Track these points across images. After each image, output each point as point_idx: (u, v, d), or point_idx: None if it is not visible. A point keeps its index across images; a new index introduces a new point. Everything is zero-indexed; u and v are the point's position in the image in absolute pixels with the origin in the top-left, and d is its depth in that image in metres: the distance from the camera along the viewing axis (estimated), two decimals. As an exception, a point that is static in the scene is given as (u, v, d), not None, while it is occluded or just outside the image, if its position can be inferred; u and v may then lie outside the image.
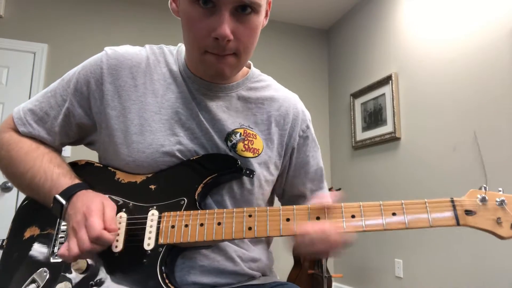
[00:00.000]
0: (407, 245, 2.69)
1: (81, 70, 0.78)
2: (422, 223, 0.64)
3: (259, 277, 0.79)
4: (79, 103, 0.77)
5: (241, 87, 0.82)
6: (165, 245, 0.66)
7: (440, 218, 0.65)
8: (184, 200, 0.70)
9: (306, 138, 0.86)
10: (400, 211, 0.64)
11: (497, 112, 2.11)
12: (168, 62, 0.80)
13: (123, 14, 3.33)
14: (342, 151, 3.56)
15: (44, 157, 0.75)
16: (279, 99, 0.85)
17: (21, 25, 3.04)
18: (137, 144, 0.73)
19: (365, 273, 3.11)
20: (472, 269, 2.18)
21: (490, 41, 2.19)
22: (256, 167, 0.77)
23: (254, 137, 0.79)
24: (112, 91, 0.75)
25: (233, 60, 0.70)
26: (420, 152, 2.64)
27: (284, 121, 0.83)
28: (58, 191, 0.69)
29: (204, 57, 0.70)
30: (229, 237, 0.65)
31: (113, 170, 0.76)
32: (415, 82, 2.74)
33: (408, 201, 0.65)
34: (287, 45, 3.82)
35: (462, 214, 0.64)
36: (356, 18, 3.53)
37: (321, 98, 3.86)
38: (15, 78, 2.98)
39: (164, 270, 0.65)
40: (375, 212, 0.64)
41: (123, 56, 0.77)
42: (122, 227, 0.69)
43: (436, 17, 2.59)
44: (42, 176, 0.72)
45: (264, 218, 0.66)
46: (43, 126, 0.79)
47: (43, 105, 0.79)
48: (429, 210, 0.64)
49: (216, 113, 0.77)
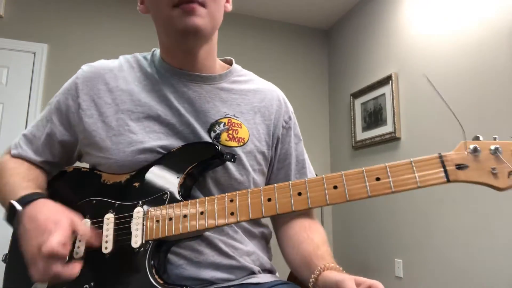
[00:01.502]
0: (407, 245, 2.69)
1: (62, 91, 0.83)
2: (410, 184, 0.59)
3: (258, 272, 0.78)
4: (60, 121, 0.81)
5: (223, 79, 0.83)
6: (152, 241, 0.66)
7: (428, 177, 0.59)
8: (167, 194, 0.70)
9: (288, 129, 0.87)
10: (385, 174, 0.60)
11: (497, 112, 2.11)
12: (141, 66, 0.82)
13: (123, 14, 3.33)
14: (342, 151, 3.56)
15: (19, 174, 0.76)
16: (262, 91, 0.86)
17: (21, 25, 3.04)
18: (117, 145, 0.74)
19: (365, 273, 3.11)
20: (472, 269, 2.18)
21: (490, 41, 2.18)
22: (242, 156, 0.77)
23: (239, 126, 0.79)
24: (88, 100, 0.78)
25: (202, 10, 0.71)
26: (420, 152, 2.63)
27: (269, 111, 0.84)
28: (16, 198, 0.69)
29: (172, 12, 0.70)
30: (212, 225, 0.65)
31: (98, 173, 0.77)
32: (415, 82, 2.74)
33: (393, 163, 0.61)
34: (287, 45, 3.81)
35: (453, 169, 0.59)
36: (356, 18, 3.53)
37: (321, 98, 3.86)
38: (15, 78, 2.97)
39: (154, 265, 0.65)
40: (358, 180, 0.61)
41: (96, 67, 0.81)
42: (111, 228, 0.69)
43: (436, 17, 2.59)
44: (8, 188, 0.73)
45: (245, 202, 0.65)
46: (30, 146, 0.83)
47: (33, 129, 0.84)
48: (415, 169, 0.60)
49: (199, 104, 0.78)
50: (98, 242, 0.67)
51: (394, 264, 2.79)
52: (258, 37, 3.67)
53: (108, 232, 0.68)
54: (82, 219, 0.70)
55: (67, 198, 0.75)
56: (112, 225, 0.69)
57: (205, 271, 0.71)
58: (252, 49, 3.60)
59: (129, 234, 0.67)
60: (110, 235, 0.68)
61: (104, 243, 0.67)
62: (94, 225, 0.70)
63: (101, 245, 0.68)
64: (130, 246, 0.66)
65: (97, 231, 0.68)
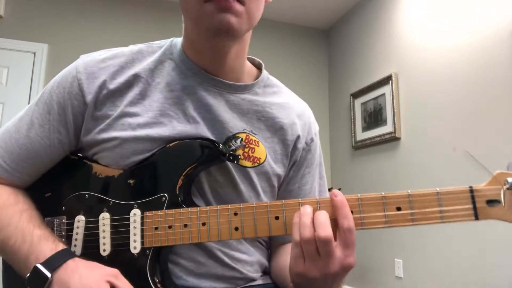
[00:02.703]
0: (407, 245, 2.69)
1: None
2: (433, 219, 0.54)
3: (259, 277, 0.77)
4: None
5: (249, 90, 0.74)
6: (151, 248, 0.64)
7: (454, 213, 0.53)
8: (165, 196, 0.65)
9: (308, 152, 0.79)
10: (406, 204, 0.55)
11: (497, 112, 2.11)
12: (158, 59, 0.72)
13: (123, 14, 3.33)
14: (342, 151, 3.56)
15: (22, 215, 0.65)
16: (286, 107, 0.78)
17: (21, 25, 3.04)
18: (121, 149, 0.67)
19: (365, 273, 3.11)
20: (472, 269, 2.18)
21: (490, 40, 2.18)
22: (254, 177, 0.71)
23: (257, 144, 0.71)
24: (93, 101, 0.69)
25: (239, 7, 0.61)
26: (420, 152, 2.64)
27: (291, 130, 0.76)
28: (39, 259, 0.58)
29: (204, 7, 0.60)
30: (215, 239, 0.61)
31: (89, 163, 0.70)
32: (415, 82, 2.74)
33: (417, 192, 0.55)
34: (287, 45, 3.81)
35: (483, 206, 0.53)
36: (356, 18, 3.53)
37: (321, 98, 3.86)
38: (15, 78, 2.98)
39: (155, 273, 0.63)
40: (377, 208, 0.56)
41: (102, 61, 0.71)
42: (107, 230, 0.66)
43: (436, 17, 2.59)
44: (18, 238, 0.61)
45: (251, 217, 0.60)
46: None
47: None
48: (441, 202, 0.54)
49: (218, 113, 0.70)
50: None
51: (394, 264, 2.79)
52: (258, 37, 3.66)
53: (105, 234, 0.66)
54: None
55: (57, 188, 0.71)
56: (109, 227, 0.66)
57: (206, 282, 0.69)
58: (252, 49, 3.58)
59: (127, 238, 0.65)
60: (107, 237, 0.65)
61: (101, 245, 0.65)
62: (89, 225, 0.67)
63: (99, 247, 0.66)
64: (129, 251, 0.64)
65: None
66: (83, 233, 0.67)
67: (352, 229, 0.54)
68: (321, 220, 0.54)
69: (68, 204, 0.69)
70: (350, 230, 0.54)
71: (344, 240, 0.54)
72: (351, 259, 0.54)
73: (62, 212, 0.69)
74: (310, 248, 0.54)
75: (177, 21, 0.77)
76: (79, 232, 0.67)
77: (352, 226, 0.54)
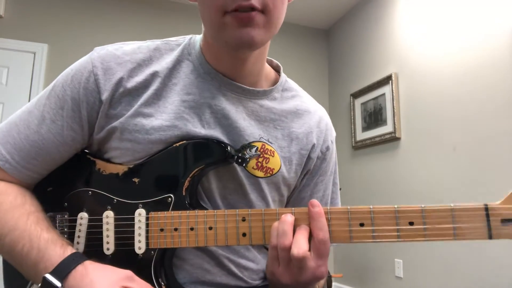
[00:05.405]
0: (407, 245, 2.69)
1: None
2: (445, 236, 0.53)
3: (261, 283, 0.76)
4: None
5: (267, 95, 0.72)
6: (156, 249, 0.62)
7: (467, 231, 0.52)
8: (171, 197, 0.64)
9: (323, 161, 0.77)
10: (420, 219, 0.54)
11: (497, 111, 2.11)
12: (176, 59, 0.69)
13: (124, 14, 3.33)
14: (342, 151, 3.56)
15: (29, 218, 0.61)
16: (304, 114, 0.76)
17: (21, 25, 3.04)
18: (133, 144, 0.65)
19: (365, 273, 3.11)
20: (472, 269, 2.18)
21: (490, 40, 2.18)
22: (265, 187, 0.70)
23: (272, 154, 0.69)
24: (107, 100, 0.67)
25: (261, 18, 0.58)
26: (420, 152, 2.64)
27: (307, 139, 0.74)
28: (48, 267, 0.56)
29: (224, 19, 0.58)
30: (222, 243, 0.61)
31: (92, 159, 0.68)
32: (415, 82, 2.74)
33: (430, 207, 0.54)
34: (287, 45, 3.82)
35: (498, 225, 0.52)
36: (356, 18, 3.53)
37: (321, 98, 3.86)
38: (15, 78, 2.98)
39: (160, 275, 0.62)
40: (389, 221, 0.55)
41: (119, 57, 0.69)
42: (111, 229, 0.64)
43: (436, 17, 2.59)
44: (26, 243, 0.59)
45: (259, 224, 0.59)
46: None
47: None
48: (455, 219, 0.53)
49: (235, 120, 0.67)
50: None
51: (394, 264, 2.79)
52: (258, 37, 3.67)
53: (108, 232, 0.65)
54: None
55: (59, 183, 0.69)
56: (113, 226, 0.64)
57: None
58: (252, 49, 3.59)
59: (131, 238, 0.64)
60: (111, 236, 0.64)
61: (105, 243, 0.64)
62: (92, 222, 0.66)
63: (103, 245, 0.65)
64: (133, 251, 0.63)
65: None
66: (86, 231, 0.65)
67: (326, 240, 0.55)
68: (298, 238, 0.55)
69: (70, 200, 0.67)
70: (324, 242, 0.55)
71: (318, 250, 0.54)
72: (323, 269, 0.55)
73: (64, 208, 0.67)
74: (285, 255, 0.55)
75: (180, 21, 0.77)
76: (82, 229, 0.66)
77: (327, 238, 0.55)
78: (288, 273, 0.56)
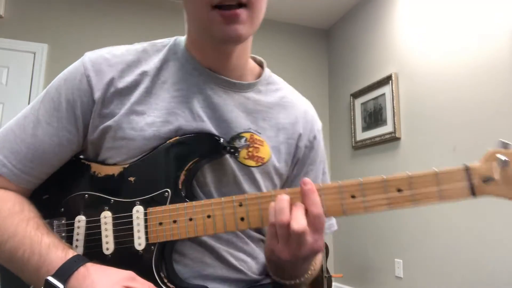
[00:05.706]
0: (407, 245, 2.69)
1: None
2: (431, 197, 0.56)
3: (263, 278, 0.76)
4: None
5: (252, 88, 0.75)
6: (156, 243, 0.63)
7: (451, 192, 0.55)
8: (168, 191, 0.65)
9: (311, 150, 0.80)
10: (406, 186, 0.57)
11: (497, 111, 2.11)
12: (162, 58, 0.72)
13: (124, 14, 3.33)
14: (342, 151, 3.56)
15: (28, 223, 0.61)
16: (288, 105, 0.78)
17: (21, 25, 3.05)
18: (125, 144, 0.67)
19: (365, 273, 3.11)
20: (471, 268, 2.18)
21: (490, 40, 2.19)
22: (258, 176, 0.72)
23: (261, 144, 0.72)
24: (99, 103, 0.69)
25: (245, 14, 0.62)
26: (420, 152, 2.64)
27: (293, 129, 0.77)
28: (50, 271, 0.56)
29: (211, 15, 0.61)
30: (221, 231, 0.62)
31: (87, 163, 0.69)
32: (415, 82, 2.74)
33: (416, 173, 0.57)
34: (287, 45, 3.82)
35: (479, 183, 0.55)
36: (356, 18, 3.53)
37: (321, 98, 3.86)
38: (15, 78, 2.98)
39: (160, 269, 0.63)
40: (378, 190, 0.58)
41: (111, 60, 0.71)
42: (109, 228, 0.65)
43: (436, 17, 2.59)
44: (26, 248, 0.59)
45: (256, 207, 0.61)
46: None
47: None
48: (438, 181, 0.56)
49: (223, 112, 0.70)
50: None
51: (394, 264, 2.79)
52: (258, 37, 3.66)
53: (107, 232, 0.65)
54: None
55: (54, 190, 0.70)
56: (111, 225, 0.65)
57: (212, 284, 0.68)
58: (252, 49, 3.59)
59: (130, 235, 0.64)
60: (110, 236, 0.65)
61: (104, 243, 0.64)
62: (90, 224, 0.67)
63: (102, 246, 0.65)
64: (133, 248, 0.64)
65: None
66: (84, 233, 0.66)
67: (321, 215, 0.57)
68: (296, 214, 0.57)
69: (67, 205, 0.68)
70: (319, 216, 0.57)
71: (314, 225, 0.57)
72: (320, 243, 0.58)
73: (61, 214, 0.68)
74: (283, 232, 0.57)
75: (180, 21, 0.77)
76: (80, 232, 0.66)
77: (321, 212, 0.57)
78: (288, 249, 0.58)
